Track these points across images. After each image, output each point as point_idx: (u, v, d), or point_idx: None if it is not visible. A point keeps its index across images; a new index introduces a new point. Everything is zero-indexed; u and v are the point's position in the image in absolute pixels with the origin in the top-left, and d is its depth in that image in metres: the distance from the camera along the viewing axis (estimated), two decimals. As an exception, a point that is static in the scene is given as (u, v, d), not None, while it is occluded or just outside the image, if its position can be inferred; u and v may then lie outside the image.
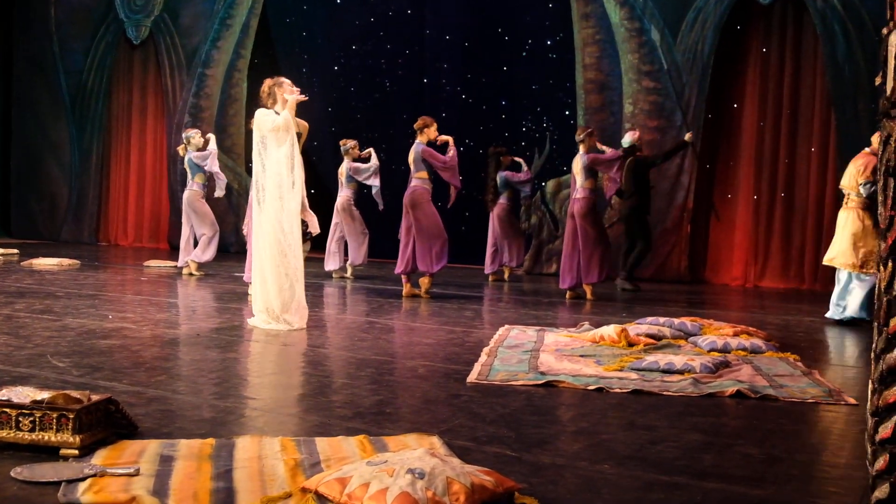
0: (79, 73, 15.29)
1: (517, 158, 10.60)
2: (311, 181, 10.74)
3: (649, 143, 10.79)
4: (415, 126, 8.41)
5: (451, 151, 8.33)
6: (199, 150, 9.95)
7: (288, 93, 6.08)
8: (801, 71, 10.36)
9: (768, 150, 10.55)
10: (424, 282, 8.17)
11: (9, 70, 16.12)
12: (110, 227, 15.29)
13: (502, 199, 10.40)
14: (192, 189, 9.85)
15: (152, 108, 14.84)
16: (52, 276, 9.28)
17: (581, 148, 8.64)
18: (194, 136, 10.09)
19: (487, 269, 10.42)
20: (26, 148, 15.95)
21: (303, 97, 6.06)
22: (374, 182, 9.93)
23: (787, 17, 10.36)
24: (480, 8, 12.26)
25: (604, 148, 9.06)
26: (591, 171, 8.57)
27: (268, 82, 6.20)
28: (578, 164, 8.63)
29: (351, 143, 10.08)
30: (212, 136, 10.22)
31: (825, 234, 10.10)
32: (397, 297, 8.18)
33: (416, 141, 8.37)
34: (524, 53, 12.07)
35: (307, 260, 7.60)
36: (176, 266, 10.17)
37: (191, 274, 9.62)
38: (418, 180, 8.19)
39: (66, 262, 10.53)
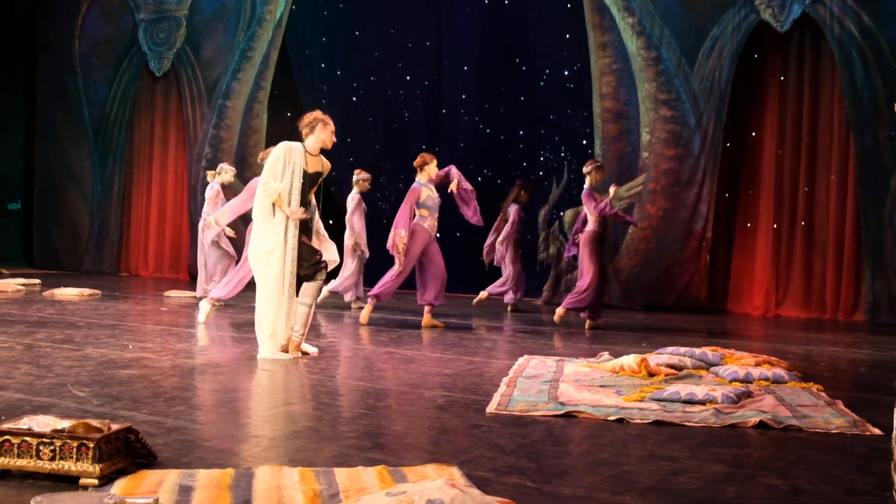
0: (102, 105, 15.48)
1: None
2: (329, 211, 10.81)
3: (667, 172, 10.80)
4: (415, 164, 8.32)
5: (464, 184, 8.32)
6: (222, 185, 9.99)
7: (329, 138, 6.17)
8: (819, 98, 10.33)
9: (788, 179, 10.51)
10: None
11: (33, 101, 16.35)
12: (131, 258, 15.39)
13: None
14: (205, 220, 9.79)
15: (174, 139, 14.99)
16: (73, 307, 9.33)
17: (587, 180, 8.61)
18: (227, 171, 10.13)
19: (507, 298, 10.38)
20: (49, 178, 16.11)
21: (302, 216, 6.03)
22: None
23: (805, 45, 10.36)
24: (497, 38, 12.34)
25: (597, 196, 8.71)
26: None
27: (315, 115, 6.23)
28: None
29: (364, 175, 9.97)
30: (219, 176, 10.12)
31: (846, 263, 10.03)
32: (415, 327, 8.16)
33: (417, 179, 8.29)
34: (541, 83, 12.12)
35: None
36: (195, 296, 10.20)
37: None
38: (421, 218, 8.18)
39: (87, 292, 10.59)
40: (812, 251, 10.34)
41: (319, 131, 6.13)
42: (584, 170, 8.74)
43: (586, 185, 8.63)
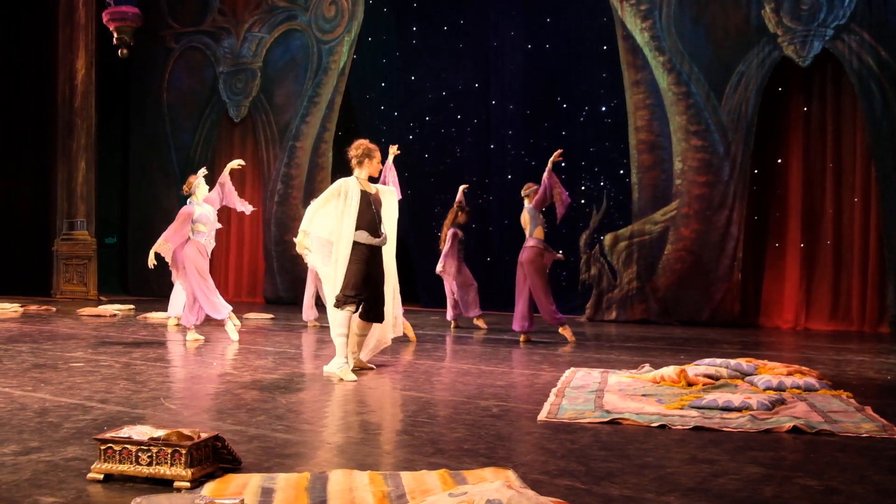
0: (187, 149, 15.81)
1: None
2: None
3: (699, 198, 10.67)
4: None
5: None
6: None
7: (376, 168, 6.05)
8: (841, 127, 10.15)
9: (813, 202, 10.31)
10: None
11: (126, 147, 16.80)
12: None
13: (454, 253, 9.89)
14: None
15: (250, 177, 15.22)
16: (164, 328, 9.50)
17: (526, 202, 8.48)
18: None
19: (448, 316, 9.99)
20: (142, 215, 16.48)
21: (301, 249, 5.92)
22: None
23: (826, 78, 10.19)
24: (540, 79, 12.35)
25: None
26: (536, 221, 8.31)
27: (363, 146, 6.03)
28: (526, 216, 8.42)
29: None
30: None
31: (871, 278, 9.79)
32: (467, 343, 8.16)
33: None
34: (581, 119, 12.09)
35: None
36: (272, 318, 10.33)
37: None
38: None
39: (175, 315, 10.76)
40: (838, 268, 10.11)
41: (367, 164, 6.01)
42: (523, 193, 8.60)
43: (527, 204, 8.43)
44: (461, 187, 10.10)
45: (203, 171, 8.50)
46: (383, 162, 6.85)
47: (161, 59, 16.08)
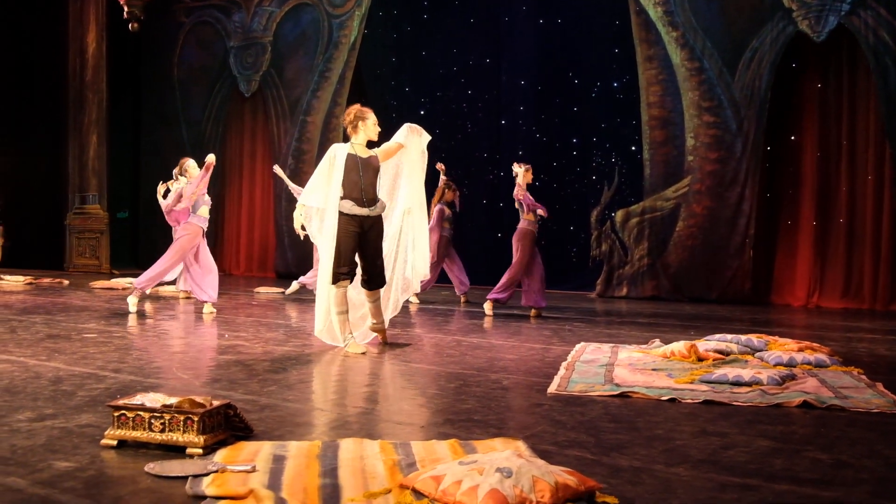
0: (198, 124, 15.80)
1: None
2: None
3: (711, 174, 10.61)
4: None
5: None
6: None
7: (372, 130, 5.86)
8: (855, 105, 10.04)
9: (826, 180, 10.23)
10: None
11: (138, 123, 16.80)
12: (225, 259, 15.66)
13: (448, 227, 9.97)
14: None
15: (261, 152, 15.23)
16: (175, 301, 9.55)
17: (518, 181, 8.35)
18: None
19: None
20: (153, 190, 16.39)
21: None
22: None
23: (842, 54, 10.07)
24: (551, 55, 12.26)
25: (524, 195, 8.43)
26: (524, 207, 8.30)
27: (353, 110, 5.88)
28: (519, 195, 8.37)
29: None
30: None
31: (883, 256, 9.74)
32: (479, 317, 8.17)
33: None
34: (593, 95, 12.01)
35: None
36: (283, 292, 10.38)
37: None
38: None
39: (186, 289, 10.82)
40: (851, 246, 10.04)
41: (362, 128, 5.83)
42: (514, 171, 8.42)
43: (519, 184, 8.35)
44: (438, 166, 9.84)
45: (211, 157, 8.71)
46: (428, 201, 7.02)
47: (172, 33, 16.03)
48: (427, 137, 6.30)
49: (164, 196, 9.75)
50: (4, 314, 7.75)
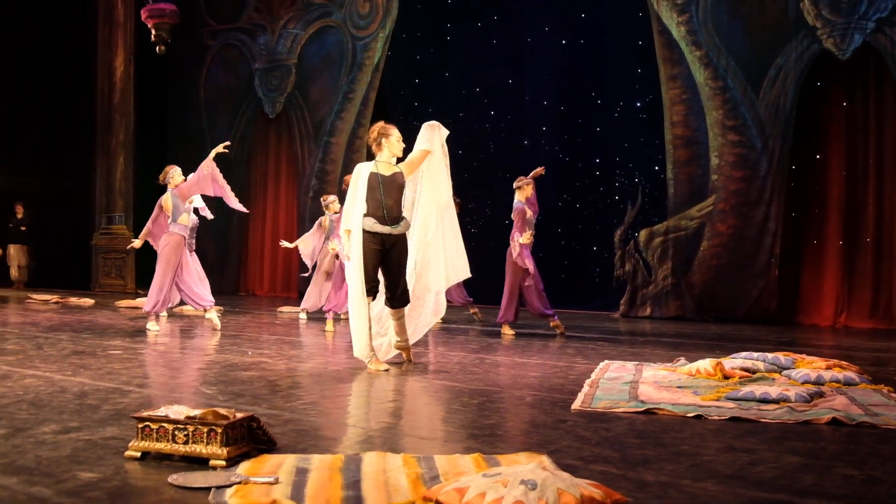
0: (223, 145, 15.93)
1: None
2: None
3: (735, 193, 10.54)
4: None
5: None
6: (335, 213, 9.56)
7: (396, 146, 5.87)
8: (882, 122, 9.94)
9: (852, 198, 10.12)
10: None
11: (164, 144, 16.99)
12: (249, 279, 15.77)
13: None
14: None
15: (285, 173, 15.34)
16: (200, 320, 9.60)
17: (517, 195, 8.27)
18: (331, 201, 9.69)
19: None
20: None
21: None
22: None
23: (868, 73, 9.99)
24: (574, 75, 12.28)
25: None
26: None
27: (377, 128, 5.89)
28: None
29: (330, 198, 9.78)
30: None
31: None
32: (499, 335, 8.14)
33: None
34: (616, 114, 12.00)
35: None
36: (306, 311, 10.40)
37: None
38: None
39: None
40: (879, 265, 9.91)
41: (386, 145, 5.84)
42: (515, 185, 8.32)
43: (517, 199, 8.27)
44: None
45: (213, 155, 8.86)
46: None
47: (198, 55, 16.25)
48: (445, 132, 6.34)
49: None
50: (31, 332, 7.83)
